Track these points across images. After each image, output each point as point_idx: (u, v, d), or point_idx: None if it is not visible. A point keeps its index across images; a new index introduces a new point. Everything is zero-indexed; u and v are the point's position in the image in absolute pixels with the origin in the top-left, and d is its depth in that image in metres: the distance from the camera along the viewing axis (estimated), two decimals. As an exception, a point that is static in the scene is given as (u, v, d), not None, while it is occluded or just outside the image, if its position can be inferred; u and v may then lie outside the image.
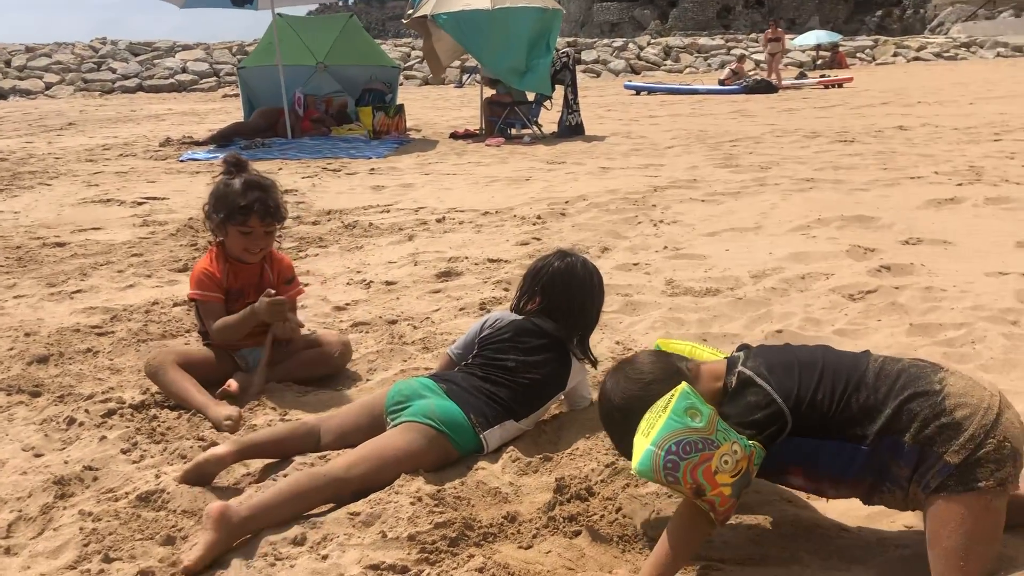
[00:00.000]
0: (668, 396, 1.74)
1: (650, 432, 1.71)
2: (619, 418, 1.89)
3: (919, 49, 34.57)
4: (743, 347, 1.98)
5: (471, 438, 2.40)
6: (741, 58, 23.45)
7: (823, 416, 1.78)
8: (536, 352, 2.60)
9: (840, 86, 20.74)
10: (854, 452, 1.76)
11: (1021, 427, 1.73)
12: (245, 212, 2.99)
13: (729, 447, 1.70)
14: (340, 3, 20.62)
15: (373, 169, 8.71)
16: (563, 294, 2.67)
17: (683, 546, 1.78)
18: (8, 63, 25.91)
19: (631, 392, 1.87)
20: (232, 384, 2.99)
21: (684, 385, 1.75)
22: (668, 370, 1.89)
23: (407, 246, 5.20)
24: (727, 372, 1.88)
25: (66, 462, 2.47)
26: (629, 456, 1.82)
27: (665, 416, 1.70)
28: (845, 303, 3.70)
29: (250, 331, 3.08)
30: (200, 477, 2.30)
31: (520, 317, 2.72)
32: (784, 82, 21.21)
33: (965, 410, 1.69)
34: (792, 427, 1.78)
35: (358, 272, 4.63)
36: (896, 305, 3.60)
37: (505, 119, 11.57)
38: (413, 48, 29.25)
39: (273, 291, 2.98)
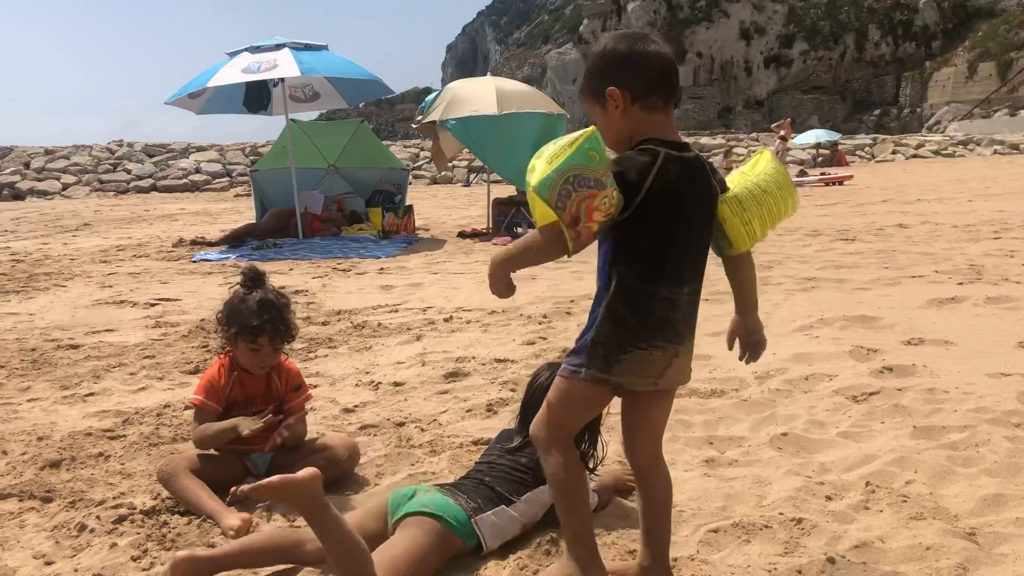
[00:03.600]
0: (577, 135, 1.97)
1: (554, 161, 1.96)
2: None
3: (917, 147, 35.28)
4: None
5: (467, 523, 2.44)
6: (727, 153, 23.95)
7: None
8: (517, 446, 2.76)
9: (841, 183, 21.11)
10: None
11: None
12: (256, 332, 3.08)
13: (611, 191, 1.97)
14: (349, 108, 21.36)
15: (382, 269, 8.86)
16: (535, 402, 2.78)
17: (536, 252, 2.10)
18: (27, 165, 26.61)
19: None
20: (241, 488, 3.01)
21: (593, 129, 2.00)
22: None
23: (415, 346, 5.27)
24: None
25: (76, 570, 2.49)
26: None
27: (571, 151, 1.95)
28: (849, 405, 3.74)
29: (257, 438, 3.15)
30: None
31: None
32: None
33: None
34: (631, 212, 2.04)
35: (367, 373, 4.69)
36: (899, 407, 3.63)
37: (512, 218, 11.79)
38: (422, 149, 29.97)
39: (268, 415, 3.08)
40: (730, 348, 2.39)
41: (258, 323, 3.06)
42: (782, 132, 23.59)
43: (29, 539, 2.73)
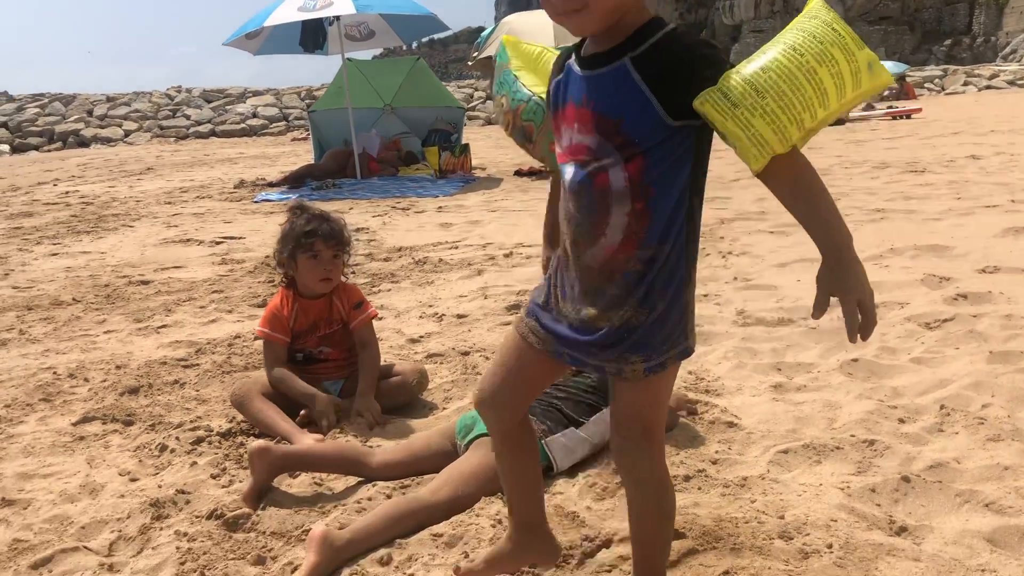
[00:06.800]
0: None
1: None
2: None
3: (991, 77, 33.85)
4: None
5: (537, 444, 2.46)
6: None
7: None
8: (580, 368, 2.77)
9: (909, 117, 20.40)
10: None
11: None
12: (310, 236, 3.14)
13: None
14: (404, 48, 21.52)
15: (441, 207, 8.88)
16: None
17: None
18: (90, 112, 27.06)
19: None
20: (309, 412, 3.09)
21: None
22: None
23: (476, 280, 5.29)
24: None
25: (160, 486, 2.59)
26: None
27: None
28: (921, 331, 3.65)
29: (328, 365, 3.23)
30: (257, 474, 2.48)
31: None
32: (851, 114, 20.95)
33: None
34: None
35: (430, 306, 4.72)
36: (974, 333, 3.54)
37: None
38: (476, 89, 29.72)
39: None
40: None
41: (310, 229, 3.14)
42: None
43: (114, 458, 2.84)
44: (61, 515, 2.45)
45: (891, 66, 32.62)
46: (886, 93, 30.07)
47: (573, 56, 1.60)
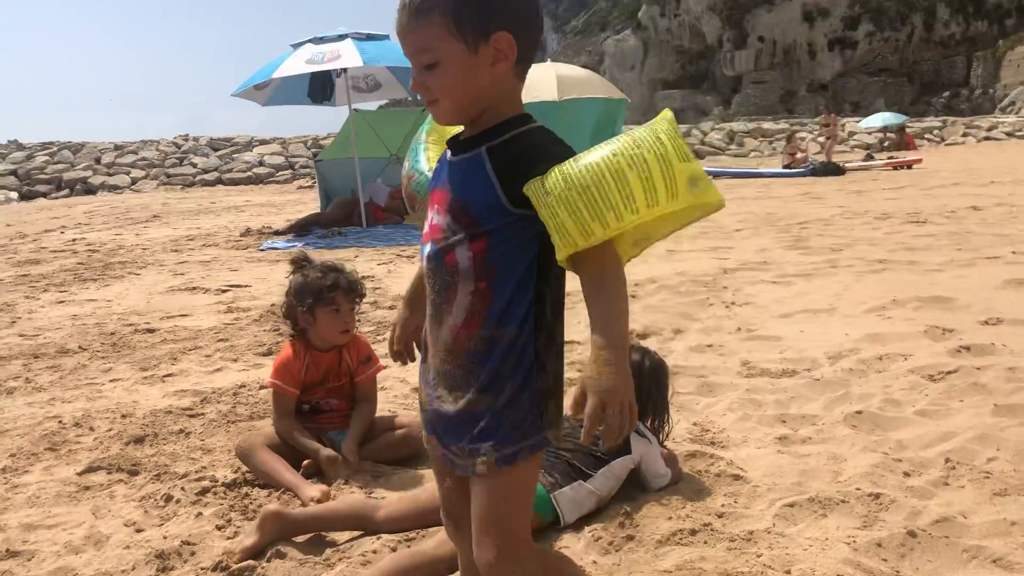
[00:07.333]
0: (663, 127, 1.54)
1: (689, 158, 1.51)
2: None
3: (990, 129, 34.21)
4: None
5: (545, 498, 2.47)
6: (790, 138, 23.24)
7: None
8: None
9: (909, 167, 20.57)
10: None
11: None
12: (332, 290, 3.16)
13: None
14: (409, 99, 22.00)
15: (445, 255, 8.92)
16: None
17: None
18: (98, 160, 27.39)
19: None
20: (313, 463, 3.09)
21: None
22: None
23: (481, 330, 5.30)
24: None
25: (165, 537, 2.58)
26: None
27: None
28: (925, 383, 3.66)
29: (333, 415, 3.25)
30: (266, 535, 2.48)
31: None
32: (851, 164, 21.12)
33: None
34: None
35: (435, 355, 4.73)
36: (978, 386, 3.54)
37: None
38: (480, 138, 30.03)
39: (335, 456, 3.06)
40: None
41: (330, 282, 3.16)
42: (826, 123, 22.93)
43: (119, 508, 2.84)
44: (65, 567, 2.44)
45: (890, 117, 33.07)
46: (886, 143, 30.39)
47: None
